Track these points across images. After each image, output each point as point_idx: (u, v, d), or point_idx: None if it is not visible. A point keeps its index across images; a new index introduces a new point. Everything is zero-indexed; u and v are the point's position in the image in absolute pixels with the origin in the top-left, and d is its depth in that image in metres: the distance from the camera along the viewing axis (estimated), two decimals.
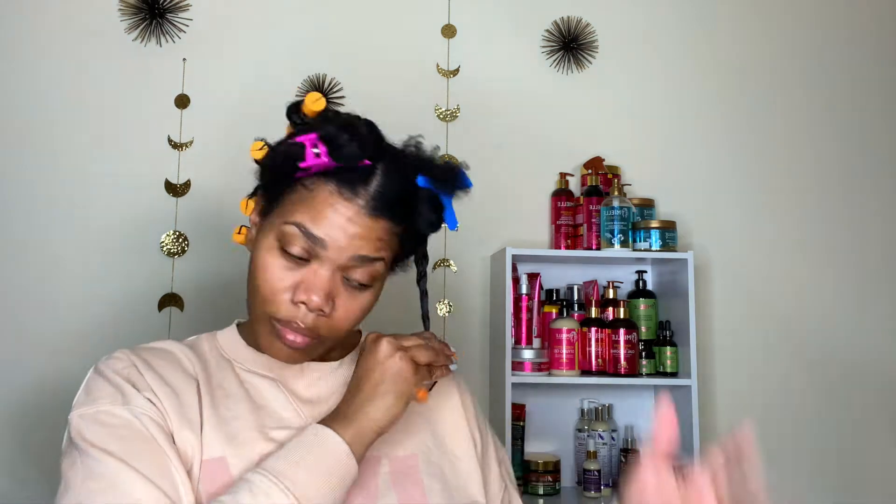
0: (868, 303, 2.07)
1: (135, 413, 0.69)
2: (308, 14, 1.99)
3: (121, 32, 1.92)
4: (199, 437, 0.71)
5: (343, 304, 0.74)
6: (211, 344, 0.83)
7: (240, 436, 0.72)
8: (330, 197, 0.72)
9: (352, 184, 0.72)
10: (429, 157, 0.78)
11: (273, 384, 0.78)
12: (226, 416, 0.73)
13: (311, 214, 0.72)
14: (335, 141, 0.70)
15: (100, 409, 0.69)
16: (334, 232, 0.71)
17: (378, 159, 0.73)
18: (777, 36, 2.15)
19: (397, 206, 0.74)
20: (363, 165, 0.72)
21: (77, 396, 0.73)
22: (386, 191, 0.72)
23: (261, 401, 0.77)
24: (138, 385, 0.72)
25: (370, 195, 0.72)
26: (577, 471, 1.87)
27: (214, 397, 0.75)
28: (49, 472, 1.74)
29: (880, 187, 2.12)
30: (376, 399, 0.72)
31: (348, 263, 0.72)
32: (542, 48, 2.07)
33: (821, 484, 1.99)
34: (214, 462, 0.70)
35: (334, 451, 0.68)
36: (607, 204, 1.85)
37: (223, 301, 1.85)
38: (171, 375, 0.75)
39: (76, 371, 1.76)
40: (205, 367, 0.78)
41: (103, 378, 0.72)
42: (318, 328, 0.73)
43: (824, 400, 2.02)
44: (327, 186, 0.72)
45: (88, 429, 0.68)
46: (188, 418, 0.71)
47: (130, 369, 0.73)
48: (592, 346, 1.80)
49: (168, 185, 1.89)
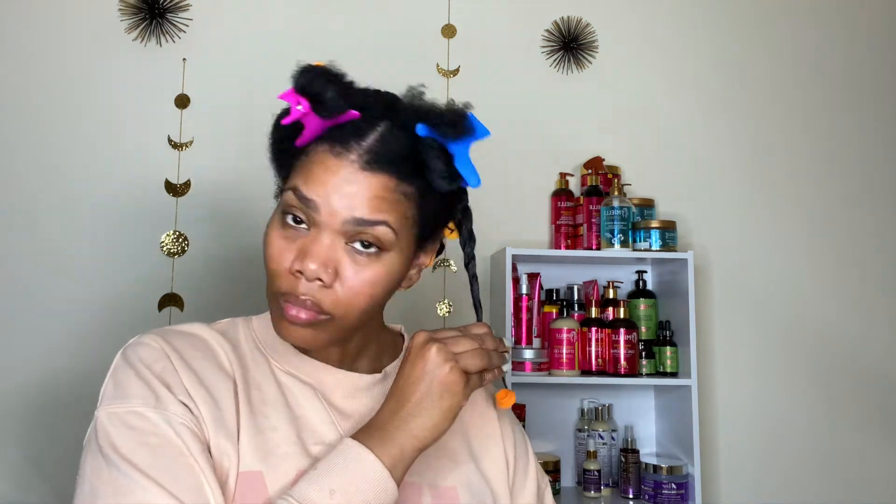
0: (868, 302, 2.07)
1: (168, 420, 0.63)
2: (308, 14, 1.99)
3: (121, 32, 1.92)
4: (235, 446, 0.66)
5: (349, 276, 0.66)
6: (247, 332, 0.76)
7: (278, 450, 0.67)
8: (322, 156, 0.66)
9: (345, 140, 0.66)
10: (429, 103, 0.69)
11: (311, 392, 0.73)
12: (263, 426, 0.68)
13: (304, 177, 0.66)
14: (313, 89, 0.65)
15: (130, 410, 0.63)
16: (325, 191, 0.65)
17: (369, 110, 0.67)
18: (777, 36, 2.15)
19: (398, 161, 0.66)
20: (355, 119, 0.66)
21: (104, 387, 0.67)
22: (382, 143, 0.66)
23: (298, 410, 0.71)
24: (173, 386, 0.66)
25: (364, 149, 0.65)
26: (577, 471, 1.87)
27: (252, 402, 0.69)
28: (50, 473, 1.74)
29: (880, 187, 2.12)
30: (421, 415, 0.65)
31: (346, 228, 0.65)
32: (542, 48, 2.07)
33: (821, 484, 1.99)
34: (251, 476, 0.65)
35: (373, 477, 0.62)
36: (607, 204, 1.85)
37: (223, 301, 1.85)
38: (208, 374, 0.69)
39: (77, 371, 1.77)
40: (241, 363, 0.72)
41: (133, 370, 0.66)
42: (321, 301, 0.66)
43: (824, 400, 2.02)
44: (321, 147, 0.67)
45: (117, 433, 0.62)
46: (225, 425, 0.66)
47: (164, 362, 0.67)
48: (592, 346, 1.80)
49: (168, 185, 1.89)
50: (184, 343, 0.71)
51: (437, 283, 1.94)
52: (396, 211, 0.66)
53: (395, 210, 0.66)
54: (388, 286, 0.69)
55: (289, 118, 0.66)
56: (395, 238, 0.67)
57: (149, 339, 0.69)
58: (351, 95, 0.66)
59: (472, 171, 0.68)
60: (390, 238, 0.66)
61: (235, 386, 0.70)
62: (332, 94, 0.65)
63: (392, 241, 0.67)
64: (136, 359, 0.67)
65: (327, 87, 0.65)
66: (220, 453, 0.65)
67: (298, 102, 0.65)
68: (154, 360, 0.67)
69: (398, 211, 0.66)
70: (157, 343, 0.69)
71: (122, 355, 0.69)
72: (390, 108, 0.69)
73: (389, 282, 0.69)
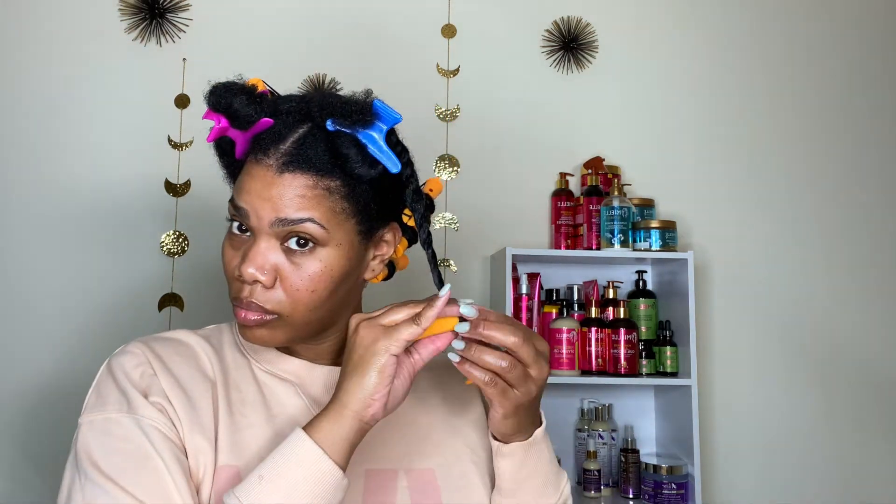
0: (867, 302, 2.07)
1: (139, 423, 0.66)
2: (308, 14, 1.99)
3: (121, 32, 1.92)
4: (212, 444, 0.69)
5: (288, 275, 0.68)
6: (230, 336, 0.80)
7: (253, 446, 0.70)
8: (248, 165, 0.70)
9: (265, 146, 0.69)
10: (330, 96, 0.71)
11: (292, 388, 0.76)
12: (241, 424, 0.71)
13: (237, 187, 0.71)
14: (224, 104, 0.69)
15: (105, 417, 0.67)
16: (250, 198, 0.68)
17: (286, 115, 0.70)
18: (777, 36, 2.15)
19: (315, 158, 0.68)
20: (273, 126, 0.69)
21: (88, 396, 0.71)
22: (299, 145, 0.68)
23: (277, 408, 0.74)
24: (150, 389, 0.69)
25: (281, 153, 0.68)
26: (577, 471, 1.87)
27: (231, 402, 0.73)
28: (49, 473, 1.74)
29: (879, 187, 2.12)
30: (345, 382, 0.64)
31: (275, 230, 0.68)
32: (542, 48, 2.07)
33: (820, 483, 1.99)
34: (228, 471, 0.68)
35: (303, 458, 0.61)
36: (607, 204, 1.85)
37: (223, 301, 1.84)
38: (188, 376, 0.72)
39: (77, 371, 1.77)
40: (223, 367, 0.75)
41: (113, 379, 0.70)
42: (264, 303, 0.69)
43: (824, 399, 2.02)
44: (249, 157, 0.71)
45: (94, 441, 0.66)
46: (201, 423, 0.69)
47: (143, 368, 0.71)
48: (592, 346, 1.80)
49: (168, 185, 1.89)
50: (166, 348, 0.74)
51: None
52: (321, 206, 0.68)
53: (320, 205, 0.68)
54: (331, 280, 0.70)
55: (211, 136, 0.71)
56: (326, 232, 0.68)
57: (132, 347, 0.73)
58: (261, 104, 0.69)
59: (389, 156, 0.69)
60: (321, 233, 0.68)
61: (215, 388, 0.73)
62: (241, 103, 0.69)
63: (324, 235, 0.68)
64: (118, 367, 0.71)
65: (236, 99, 0.69)
66: (197, 451, 0.68)
67: (217, 119, 0.70)
68: (134, 366, 0.71)
69: (324, 206, 0.68)
70: (139, 349, 0.73)
71: (106, 365, 0.73)
72: (307, 114, 0.70)
73: (332, 276, 0.70)
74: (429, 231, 0.74)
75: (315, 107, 0.70)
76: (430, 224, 0.77)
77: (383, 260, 0.77)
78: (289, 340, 0.72)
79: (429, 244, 0.73)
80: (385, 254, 0.76)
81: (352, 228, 0.71)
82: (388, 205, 0.74)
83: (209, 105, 0.70)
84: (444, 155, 1.97)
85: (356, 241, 0.71)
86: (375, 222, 0.73)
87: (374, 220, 0.73)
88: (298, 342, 0.75)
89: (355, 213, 0.70)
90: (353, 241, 0.71)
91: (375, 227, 0.74)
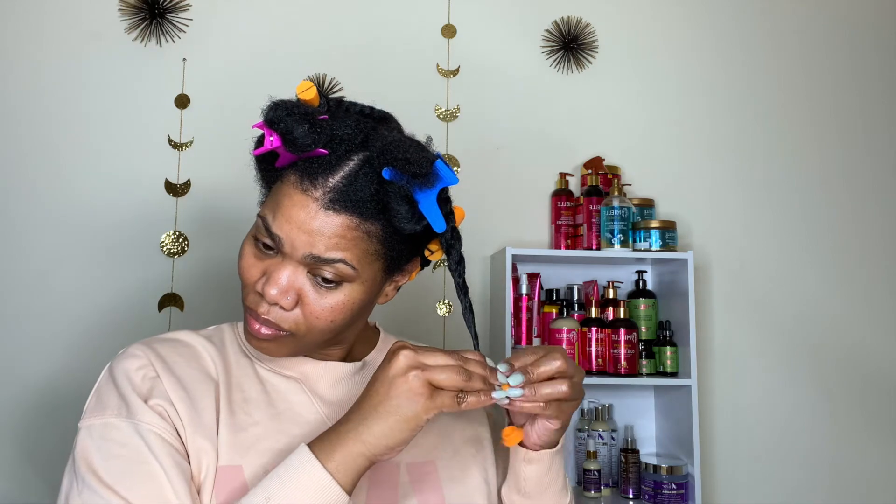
0: (868, 302, 2.07)
1: (137, 427, 0.66)
2: (308, 14, 1.99)
3: (121, 32, 1.92)
4: (214, 443, 0.69)
5: (310, 302, 0.69)
6: (232, 336, 0.80)
7: (258, 444, 0.70)
8: (290, 188, 0.68)
9: (313, 174, 0.67)
10: (394, 141, 0.68)
11: (296, 385, 0.76)
12: (244, 423, 0.71)
13: (273, 208, 0.69)
14: (283, 126, 0.66)
15: (104, 421, 0.67)
16: (288, 227, 0.67)
17: (340, 145, 0.68)
18: (778, 36, 2.15)
19: (362, 201, 0.66)
20: (326, 156, 0.67)
21: (88, 400, 0.71)
22: (348, 183, 0.66)
23: (282, 404, 0.74)
24: (152, 391, 0.69)
25: (328, 188, 0.66)
26: (577, 471, 1.87)
27: (233, 401, 0.73)
28: (51, 474, 1.74)
29: (881, 187, 2.12)
30: (373, 421, 0.62)
31: (306, 262, 0.68)
32: (542, 48, 2.07)
33: (821, 483, 1.99)
34: (231, 469, 0.68)
35: (311, 482, 0.61)
36: (607, 204, 1.85)
37: (223, 301, 1.85)
38: (190, 377, 0.72)
39: (77, 371, 1.77)
40: (226, 366, 0.75)
41: (113, 383, 0.70)
42: (280, 322, 0.69)
43: (824, 399, 2.02)
44: (293, 176, 0.68)
45: (93, 446, 0.66)
46: (203, 424, 0.69)
47: (146, 369, 0.71)
48: (592, 346, 1.80)
49: (168, 185, 1.89)
50: (168, 349, 0.74)
51: (437, 283, 1.94)
52: (357, 248, 0.68)
53: (356, 247, 0.68)
54: (351, 312, 0.71)
55: (261, 149, 0.69)
56: (355, 272, 0.69)
57: (133, 350, 0.73)
58: (321, 132, 0.67)
59: (438, 215, 0.68)
60: (349, 273, 0.68)
61: (218, 388, 0.73)
62: (302, 132, 0.66)
63: (352, 275, 0.69)
64: (119, 370, 0.71)
65: (297, 125, 0.66)
66: (198, 451, 0.68)
67: (271, 135, 0.67)
68: (136, 369, 0.71)
69: (359, 248, 0.68)
70: (141, 351, 0.72)
71: (108, 369, 0.72)
72: (363, 143, 0.69)
73: (352, 308, 0.71)
74: (464, 278, 0.74)
75: (376, 150, 0.68)
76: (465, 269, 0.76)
77: (398, 286, 0.78)
78: (294, 354, 0.74)
79: (465, 291, 0.74)
80: (401, 281, 0.78)
81: (379, 267, 0.72)
82: (418, 247, 0.75)
83: (266, 120, 0.68)
84: (445, 155, 1.97)
85: (380, 278, 0.73)
86: (401, 262, 0.74)
87: (400, 260, 0.74)
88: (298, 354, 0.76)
89: (386, 256, 0.71)
90: (377, 277, 0.72)
91: (398, 266, 0.75)
